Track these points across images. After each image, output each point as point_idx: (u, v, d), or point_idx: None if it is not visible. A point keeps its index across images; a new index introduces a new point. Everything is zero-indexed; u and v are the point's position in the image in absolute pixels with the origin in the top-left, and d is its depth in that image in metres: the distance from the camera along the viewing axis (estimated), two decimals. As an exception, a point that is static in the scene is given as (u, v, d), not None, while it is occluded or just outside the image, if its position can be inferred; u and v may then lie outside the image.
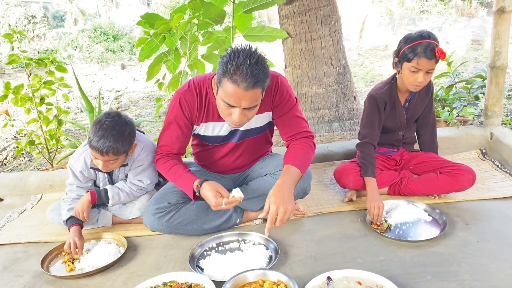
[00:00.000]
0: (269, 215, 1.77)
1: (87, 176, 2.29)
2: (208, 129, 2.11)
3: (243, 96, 1.69)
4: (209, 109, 2.04)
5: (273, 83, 1.98)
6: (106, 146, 2.01)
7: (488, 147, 3.01)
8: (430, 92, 2.48)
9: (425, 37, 2.18)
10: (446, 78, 4.00)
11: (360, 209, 2.33)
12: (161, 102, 3.16)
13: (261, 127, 2.15)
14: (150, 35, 3.06)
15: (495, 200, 2.31)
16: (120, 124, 2.09)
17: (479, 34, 10.47)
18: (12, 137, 5.26)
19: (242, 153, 2.24)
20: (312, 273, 1.73)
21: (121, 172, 2.34)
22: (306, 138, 2.07)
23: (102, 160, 2.08)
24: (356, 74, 7.22)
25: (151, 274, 1.86)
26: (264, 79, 1.72)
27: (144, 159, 2.31)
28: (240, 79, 1.65)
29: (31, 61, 3.15)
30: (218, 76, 1.75)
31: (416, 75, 2.21)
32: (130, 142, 2.14)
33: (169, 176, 2.09)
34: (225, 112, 1.81)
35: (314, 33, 3.56)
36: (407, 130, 2.52)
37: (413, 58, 2.19)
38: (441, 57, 2.16)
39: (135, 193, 2.33)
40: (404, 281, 1.66)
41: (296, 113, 2.09)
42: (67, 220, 2.19)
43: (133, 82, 8.69)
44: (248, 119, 1.85)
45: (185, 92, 2.01)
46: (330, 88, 3.68)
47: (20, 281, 1.93)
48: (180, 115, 2.03)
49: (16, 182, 2.99)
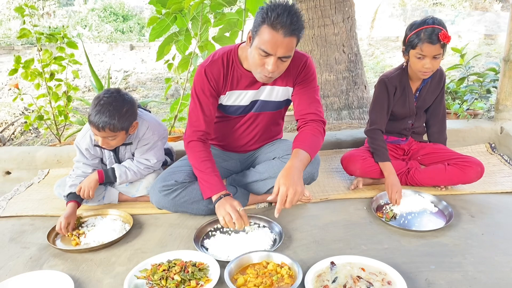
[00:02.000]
0: (279, 196, 1.78)
1: (93, 153, 2.30)
2: (231, 97, 2.11)
3: (280, 43, 1.74)
4: (234, 77, 2.06)
5: (302, 60, 2.06)
6: (102, 122, 2.02)
7: (498, 141, 2.99)
8: (442, 83, 2.46)
9: (429, 23, 2.16)
10: (457, 71, 3.96)
11: (366, 197, 2.33)
12: (170, 83, 3.15)
13: (279, 102, 2.17)
14: (162, 14, 3.04)
15: (502, 194, 2.31)
16: (117, 100, 2.08)
17: (493, 28, 10.31)
18: (20, 113, 5.28)
19: (257, 126, 2.25)
20: (315, 258, 1.74)
21: (127, 150, 2.35)
22: (317, 123, 2.07)
23: (100, 136, 2.09)
24: (366, 64, 7.15)
25: (156, 251, 1.88)
26: (300, 29, 1.78)
27: (150, 137, 2.31)
28: (280, 26, 1.71)
29: (42, 36, 3.14)
30: (256, 25, 1.79)
31: (422, 62, 2.20)
32: (129, 119, 2.13)
33: (197, 168, 2.06)
34: (259, 62, 1.82)
35: (327, 19, 3.52)
36: (416, 119, 2.51)
37: (417, 44, 2.17)
38: (445, 41, 2.13)
39: (142, 171, 2.34)
40: (407, 270, 1.66)
41: (315, 95, 2.12)
42: (67, 195, 2.21)
43: (141, 63, 8.66)
44: (279, 73, 1.88)
45: (209, 64, 2.03)
46: (341, 76, 3.66)
47: (26, 253, 1.95)
48: (207, 86, 2.04)
49: (24, 156, 3.01)
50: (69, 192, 2.21)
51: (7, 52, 9.55)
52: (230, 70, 2.05)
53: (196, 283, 1.61)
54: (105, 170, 2.30)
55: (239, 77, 2.06)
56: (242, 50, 2.03)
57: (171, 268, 1.69)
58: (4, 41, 10.51)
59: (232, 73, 2.05)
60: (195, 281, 1.61)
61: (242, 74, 2.04)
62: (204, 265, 1.71)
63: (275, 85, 2.10)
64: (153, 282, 1.62)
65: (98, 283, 1.69)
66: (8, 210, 2.39)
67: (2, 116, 5.21)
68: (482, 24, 10.80)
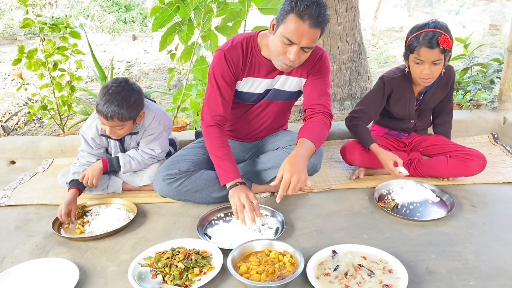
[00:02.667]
0: (283, 182, 1.80)
1: (98, 143, 2.31)
2: (247, 84, 2.12)
3: (306, 33, 1.76)
4: (252, 64, 2.07)
5: (318, 53, 2.09)
6: (111, 111, 2.03)
7: (501, 131, 2.99)
8: (450, 83, 2.40)
9: (430, 26, 2.10)
10: (461, 62, 3.94)
11: (368, 187, 2.34)
12: (173, 73, 3.15)
13: (292, 92, 2.19)
14: (165, 4, 3.03)
15: (504, 185, 2.31)
16: (126, 89, 2.10)
17: (498, 19, 10.22)
18: (24, 103, 5.30)
19: (266, 115, 2.26)
20: (317, 246, 1.76)
21: (132, 140, 2.36)
22: (324, 115, 2.08)
23: (108, 125, 2.10)
24: (370, 55, 7.12)
25: (160, 239, 1.90)
26: (326, 22, 1.81)
27: (156, 128, 2.32)
28: (308, 16, 1.73)
29: (45, 26, 3.14)
30: (283, 13, 1.79)
31: (421, 67, 2.14)
32: (136, 109, 2.14)
33: (214, 154, 2.06)
34: (281, 50, 1.84)
35: (331, 9, 3.51)
36: (419, 119, 2.49)
37: (415, 48, 2.11)
38: (445, 46, 2.06)
39: (146, 161, 2.35)
40: (409, 258, 1.68)
41: (326, 88, 2.14)
42: (70, 182, 2.22)
43: (144, 53, 8.65)
44: (298, 63, 1.91)
45: (229, 49, 2.03)
46: (344, 66, 3.65)
47: (31, 241, 1.98)
48: (226, 70, 2.04)
49: (28, 146, 3.03)
50: (72, 179, 2.23)
51: (10, 42, 9.55)
52: (248, 56, 2.05)
53: (200, 270, 1.63)
54: (110, 158, 2.31)
55: (257, 65, 2.07)
56: (262, 37, 2.04)
57: (174, 256, 1.71)
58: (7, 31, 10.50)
59: (250, 60, 2.06)
60: (198, 268, 1.63)
61: (260, 62, 2.05)
62: (207, 253, 1.73)
63: (290, 75, 2.11)
64: (157, 270, 1.64)
65: (102, 271, 1.72)
66: (13, 199, 2.42)
67: (6, 106, 5.23)
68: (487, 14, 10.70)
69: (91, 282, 1.65)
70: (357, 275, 1.55)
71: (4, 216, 2.25)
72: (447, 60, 2.17)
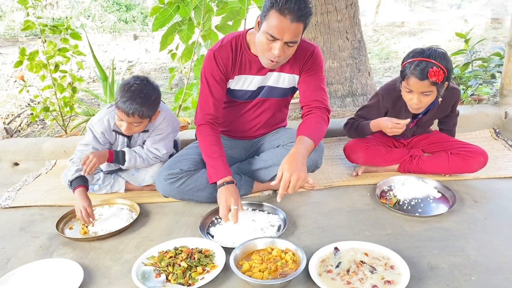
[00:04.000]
0: (282, 181, 1.80)
1: (107, 138, 2.32)
2: (239, 82, 2.14)
3: (287, 27, 1.77)
4: (243, 62, 2.09)
5: (310, 50, 2.09)
6: (133, 108, 2.05)
7: (502, 126, 2.98)
8: (453, 103, 2.34)
9: (425, 55, 2.01)
10: (462, 57, 3.93)
11: (370, 184, 2.35)
12: (174, 72, 3.16)
13: (286, 89, 2.19)
14: (165, 4, 3.04)
15: (505, 179, 2.31)
16: (147, 88, 2.12)
17: (500, 12, 10.17)
18: (26, 104, 5.32)
19: (263, 112, 2.28)
20: (319, 244, 1.77)
21: (139, 138, 2.37)
22: (322, 110, 2.09)
23: (127, 122, 2.11)
24: (371, 50, 7.11)
25: (163, 239, 1.91)
26: (308, 15, 1.80)
27: (165, 128, 2.34)
28: (288, 11, 1.74)
29: (46, 28, 3.16)
30: (265, 10, 1.81)
31: (410, 96, 2.10)
32: (155, 107, 2.17)
33: (205, 152, 2.09)
34: (266, 47, 1.86)
35: (330, 6, 3.51)
36: (418, 128, 2.47)
37: (405, 77, 2.07)
38: (435, 80, 1.97)
39: (150, 160, 2.37)
40: (410, 254, 1.68)
41: (321, 84, 2.14)
42: (73, 180, 2.13)
43: (145, 53, 8.66)
44: (284, 58, 1.92)
45: (218, 49, 2.06)
46: (345, 63, 3.65)
47: (36, 242, 2.00)
48: (216, 70, 2.07)
49: (31, 147, 3.05)
50: (74, 177, 2.13)
51: (12, 44, 9.58)
52: (238, 55, 2.07)
53: (202, 269, 1.64)
54: (116, 151, 2.32)
55: (247, 62, 2.08)
56: (250, 35, 2.06)
57: (177, 255, 1.72)
58: (8, 32, 10.53)
59: (240, 58, 2.08)
60: (201, 267, 1.65)
61: (250, 59, 2.07)
62: (210, 252, 1.75)
63: (282, 71, 2.12)
64: (161, 269, 1.65)
65: (106, 270, 1.73)
66: (17, 200, 2.44)
67: (8, 108, 5.26)
68: (489, 8, 10.65)
69: (95, 282, 1.67)
70: (359, 271, 1.56)
71: (8, 218, 2.27)
72: (440, 92, 2.08)
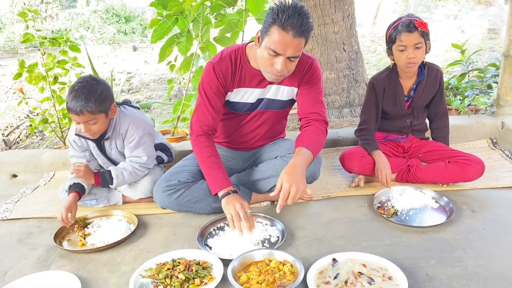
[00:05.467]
0: (282, 192, 1.81)
1: (79, 145, 2.35)
2: (238, 94, 2.16)
3: (290, 43, 1.79)
4: (242, 75, 2.10)
5: (308, 62, 2.12)
6: (79, 105, 2.05)
7: (499, 136, 3.00)
8: (439, 80, 2.46)
9: (404, 17, 2.27)
10: (459, 67, 3.97)
11: (368, 194, 2.35)
12: (173, 84, 3.18)
13: (284, 101, 2.21)
14: (163, 16, 3.07)
15: (503, 189, 2.32)
16: (90, 83, 2.13)
17: (496, 23, 10.24)
18: (25, 116, 5.34)
19: (262, 124, 2.29)
20: (317, 255, 1.76)
21: (113, 147, 2.35)
22: (320, 122, 2.10)
23: (81, 122, 2.12)
24: (369, 61, 7.16)
25: (161, 251, 1.91)
26: (309, 31, 1.84)
27: (134, 133, 2.31)
28: (290, 27, 1.76)
29: (45, 40, 3.18)
30: (266, 26, 1.84)
31: (405, 53, 2.25)
32: (105, 100, 2.15)
33: (204, 163, 2.08)
34: (268, 62, 1.88)
35: (327, 18, 3.55)
36: (415, 118, 2.52)
37: (396, 37, 2.24)
38: (422, 28, 2.19)
39: (138, 171, 2.35)
40: (408, 265, 1.68)
41: (319, 96, 2.16)
42: (69, 187, 2.22)
43: (144, 64, 8.71)
44: (287, 72, 1.94)
45: (218, 61, 2.08)
46: (342, 74, 3.68)
47: (34, 254, 1.99)
48: (215, 82, 2.08)
49: (30, 159, 3.06)
50: (69, 185, 2.23)
51: (11, 55, 9.63)
52: (238, 68, 2.09)
53: (200, 281, 1.63)
54: (102, 172, 2.33)
55: (247, 75, 2.10)
56: (250, 49, 2.08)
57: (175, 267, 1.71)
58: (8, 44, 10.59)
59: (240, 71, 2.10)
60: (199, 279, 1.64)
61: (249, 72, 2.09)
62: (208, 264, 1.74)
63: (281, 84, 2.14)
64: (158, 281, 1.65)
65: (104, 283, 1.73)
66: (15, 212, 2.43)
67: (7, 119, 5.28)
68: (485, 18, 10.73)
69: (92, 294, 1.67)
70: (357, 282, 1.55)
71: (6, 230, 2.26)
72: (427, 47, 2.27)
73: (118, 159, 2.40)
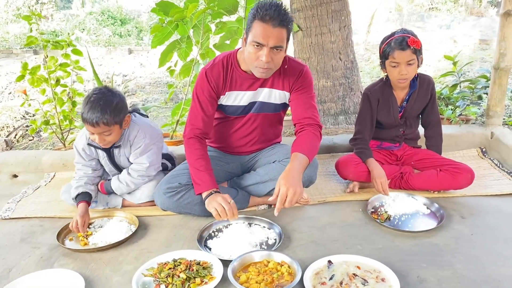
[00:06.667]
0: (280, 195, 1.88)
1: (88, 154, 2.38)
2: (230, 98, 2.23)
3: (271, 33, 1.89)
4: (233, 78, 2.19)
5: (299, 69, 2.21)
6: (95, 117, 2.09)
7: (488, 146, 3.10)
8: (430, 90, 2.54)
9: (398, 33, 2.33)
10: (451, 77, 4.07)
11: (362, 200, 2.42)
12: (173, 88, 3.24)
13: (277, 104, 2.28)
14: (165, 22, 3.13)
15: (491, 197, 2.40)
16: (106, 95, 2.16)
17: (488, 33, 10.43)
18: (21, 116, 5.35)
19: (256, 128, 2.35)
20: (313, 257, 1.83)
21: (121, 154, 2.39)
22: (313, 127, 2.17)
23: (96, 133, 2.16)
24: (363, 69, 7.26)
25: (161, 251, 1.96)
26: (289, 21, 1.94)
27: (141, 141, 2.35)
28: (269, 17, 1.88)
29: (48, 44, 3.23)
30: (249, 23, 1.96)
31: (397, 69, 2.33)
32: (120, 112, 2.18)
33: (192, 164, 2.16)
34: (254, 56, 1.96)
35: (324, 28, 3.64)
36: (407, 127, 2.60)
37: (389, 53, 2.31)
38: (414, 46, 2.25)
39: (135, 181, 2.37)
40: (400, 268, 1.75)
41: (312, 101, 2.24)
42: (76, 197, 2.28)
43: (140, 67, 8.73)
44: (275, 65, 2.01)
45: (210, 67, 2.18)
46: (338, 82, 3.77)
47: (37, 252, 2.04)
48: (207, 88, 2.17)
49: (31, 159, 3.10)
50: (77, 193, 2.28)
51: (6, 55, 9.58)
52: (229, 72, 2.18)
53: (201, 280, 1.69)
54: (106, 183, 2.42)
55: (238, 79, 2.19)
56: (240, 54, 2.17)
57: (176, 266, 1.77)
58: (3, 44, 10.54)
59: (231, 75, 2.18)
60: (199, 278, 1.70)
61: (240, 76, 2.18)
62: (208, 264, 1.80)
63: (273, 88, 2.22)
64: (160, 280, 1.70)
65: (107, 281, 1.78)
66: (17, 211, 2.47)
67: (3, 120, 5.29)
68: (477, 29, 10.91)
69: (96, 292, 1.72)
70: (352, 283, 1.62)
71: (9, 229, 2.30)
72: (420, 62, 2.34)
73: (127, 165, 2.44)
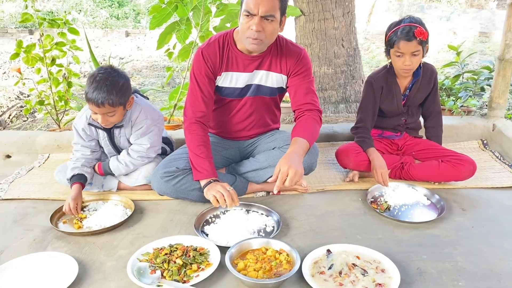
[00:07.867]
0: (280, 174, 1.86)
1: (88, 134, 2.33)
2: (227, 79, 2.19)
3: (260, 1, 1.88)
4: (229, 58, 2.15)
5: (297, 52, 2.18)
6: (101, 97, 2.04)
7: (490, 138, 3.07)
8: (433, 80, 2.51)
9: (405, 22, 2.27)
10: (452, 68, 4.03)
11: (361, 189, 2.39)
12: (172, 71, 3.18)
13: (274, 88, 2.25)
14: (165, 3, 3.05)
15: (492, 189, 2.38)
16: (113, 75, 2.12)
17: (487, 26, 10.38)
18: (16, 96, 5.27)
19: (253, 112, 2.32)
20: (312, 245, 1.80)
21: (121, 134, 2.35)
22: (313, 112, 2.15)
23: (100, 113, 2.11)
24: (362, 58, 7.19)
25: (157, 236, 1.93)
26: None
27: (143, 121, 2.31)
28: None
29: (44, 21, 3.14)
30: None
31: (402, 59, 2.29)
32: (125, 93, 2.15)
33: (192, 150, 2.13)
34: (245, 27, 1.95)
35: (328, 13, 3.56)
36: (409, 116, 2.57)
37: (395, 43, 2.27)
38: (421, 37, 2.21)
39: (135, 161, 2.34)
40: (400, 259, 1.73)
41: (311, 86, 2.20)
42: (71, 178, 2.24)
43: (136, 50, 8.62)
44: (265, 37, 1.97)
45: (206, 47, 2.14)
46: (339, 70, 3.71)
47: (30, 235, 1.99)
48: (204, 67, 2.13)
49: (25, 140, 3.04)
50: (72, 174, 2.24)
51: (1, 35, 9.44)
52: (225, 51, 2.14)
53: (198, 267, 1.66)
54: (104, 163, 2.36)
55: (234, 58, 2.15)
56: (237, 33, 2.13)
57: (173, 252, 1.74)
58: (-3, 23, 10.37)
59: (227, 54, 2.14)
60: (196, 265, 1.67)
61: (236, 56, 2.14)
62: (205, 250, 1.77)
63: (270, 70, 2.18)
64: (156, 265, 1.67)
65: (101, 265, 1.74)
66: (10, 193, 2.42)
67: (-3, 99, 5.20)
68: (477, 22, 10.86)
69: (90, 276, 1.68)
70: (351, 274, 1.60)
71: (1, 210, 2.25)
72: (425, 51, 2.30)
73: (126, 147, 2.40)
